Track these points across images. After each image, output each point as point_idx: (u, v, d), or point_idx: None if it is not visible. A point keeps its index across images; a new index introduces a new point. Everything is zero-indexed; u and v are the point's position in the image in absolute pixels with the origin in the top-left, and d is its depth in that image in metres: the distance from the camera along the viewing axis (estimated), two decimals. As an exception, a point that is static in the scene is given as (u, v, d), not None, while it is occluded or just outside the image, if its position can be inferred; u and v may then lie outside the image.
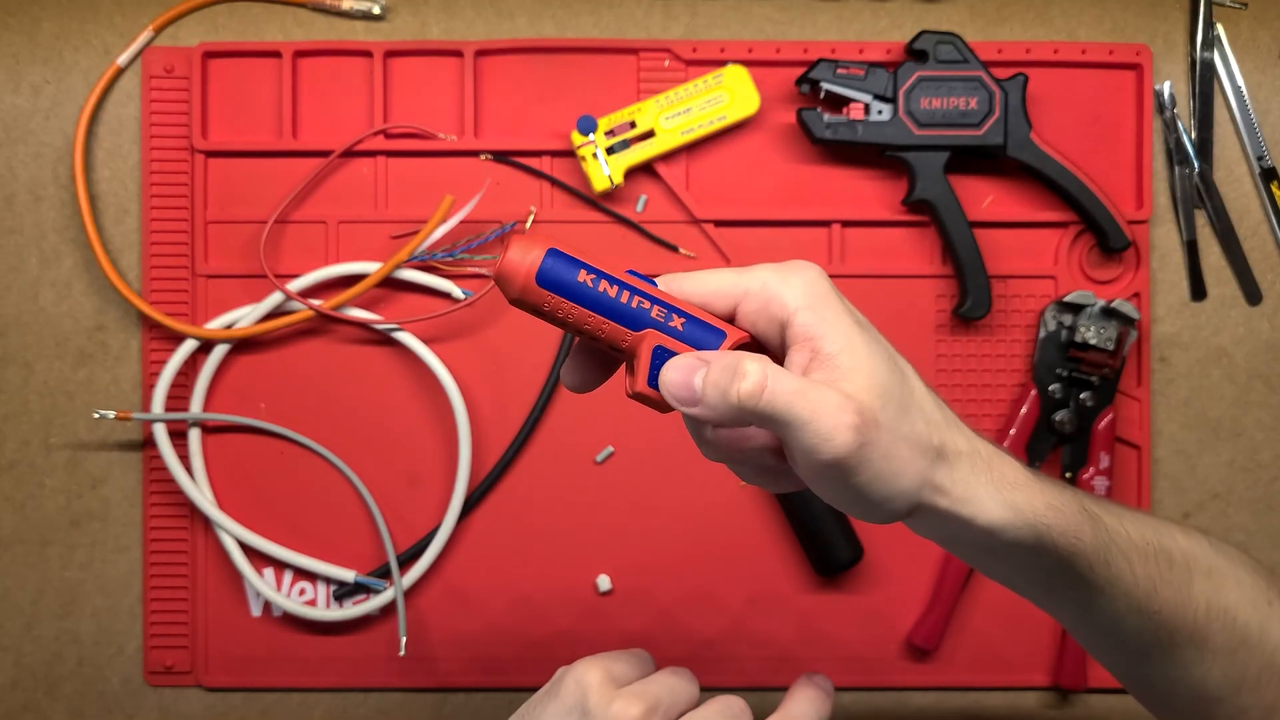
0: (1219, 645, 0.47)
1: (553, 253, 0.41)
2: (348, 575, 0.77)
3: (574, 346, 0.44)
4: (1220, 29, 0.79)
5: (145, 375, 0.77)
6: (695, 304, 0.43)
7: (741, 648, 0.78)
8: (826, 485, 0.41)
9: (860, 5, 0.79)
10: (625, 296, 0.41)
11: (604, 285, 0.41)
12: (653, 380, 0.41)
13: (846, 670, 0.78)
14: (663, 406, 0.42)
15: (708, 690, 0.79)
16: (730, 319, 0.43)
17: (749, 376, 0.39)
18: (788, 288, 0.42)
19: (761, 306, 0.42)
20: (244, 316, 0.76)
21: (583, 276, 0.41)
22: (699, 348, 0.42)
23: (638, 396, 0.42)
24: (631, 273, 0.42)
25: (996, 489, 0.42)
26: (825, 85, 0.75)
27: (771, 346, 0.43)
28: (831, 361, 0.40)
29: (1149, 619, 0.46)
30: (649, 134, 0.76)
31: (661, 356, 0.41)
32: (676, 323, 0.42)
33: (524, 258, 0.41)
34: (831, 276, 0.80)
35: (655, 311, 0.41)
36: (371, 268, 0.76)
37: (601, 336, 0.42)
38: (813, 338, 0.41)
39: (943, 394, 0.86)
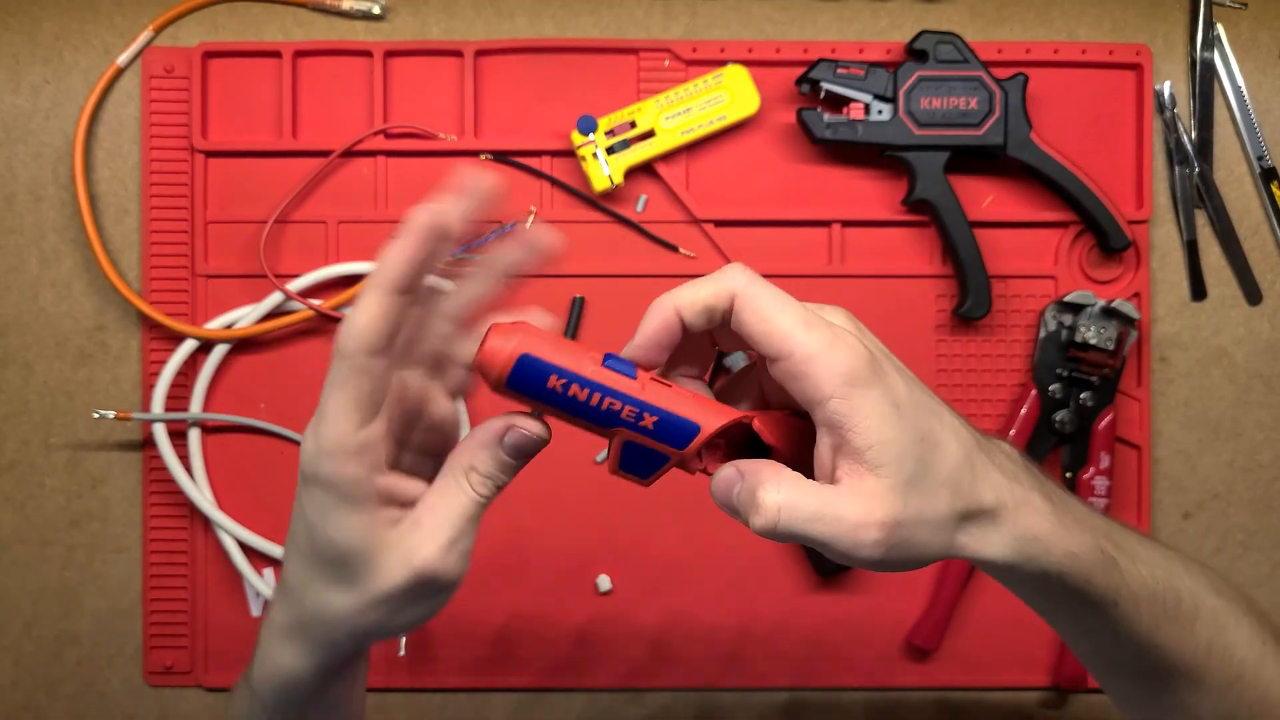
0: (1215, 681, 0.49)
1: (522, 360, 0.41)
2: (348, 575, 0.77)
3: None
4: (1220, 29, 0.79)
5: (145, 375, 0.77)
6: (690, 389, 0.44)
7: (741, 647, 0.78)
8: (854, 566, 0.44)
9: (860, 5, 0.79)
10: (595, 399, 0.41)
11: (574, 389, 0.41)
12: (623, 467, 0.43)
13: (846, 670, 0.78)
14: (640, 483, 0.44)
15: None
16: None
17: (762, 512, 0.40)
18: (825, 368, 0.40)
19: (795, 380, 0.41)
20: (244, 316, 0.76)
21: (552, 382, 0.41)
22: (671, 444, 0.42)
23: (616, 474, 0.43)
24: (610, 359, 0.42)
25: (1014, 540, 0.43)
26: (825, 85, 0.75)
27: (793, 406, 0.43)
28: (858, 456, 0.40)
29: (1149, 652, 0.48)
30: (649, 134, 0.76)
31: (630, 450, 0.42)
32: (647, 421, 0.42)
33: (495, 359, 0.41)
34: (831, 277, 0.80)
35: (625, 412, 0.42)
36: (371, 268, 0.76)
37: (577, 427, 0.43)
38: (841, 428, 0.40)
39: (942, 394, 0.86)
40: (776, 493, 0.40)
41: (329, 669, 0.46)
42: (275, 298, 0.76)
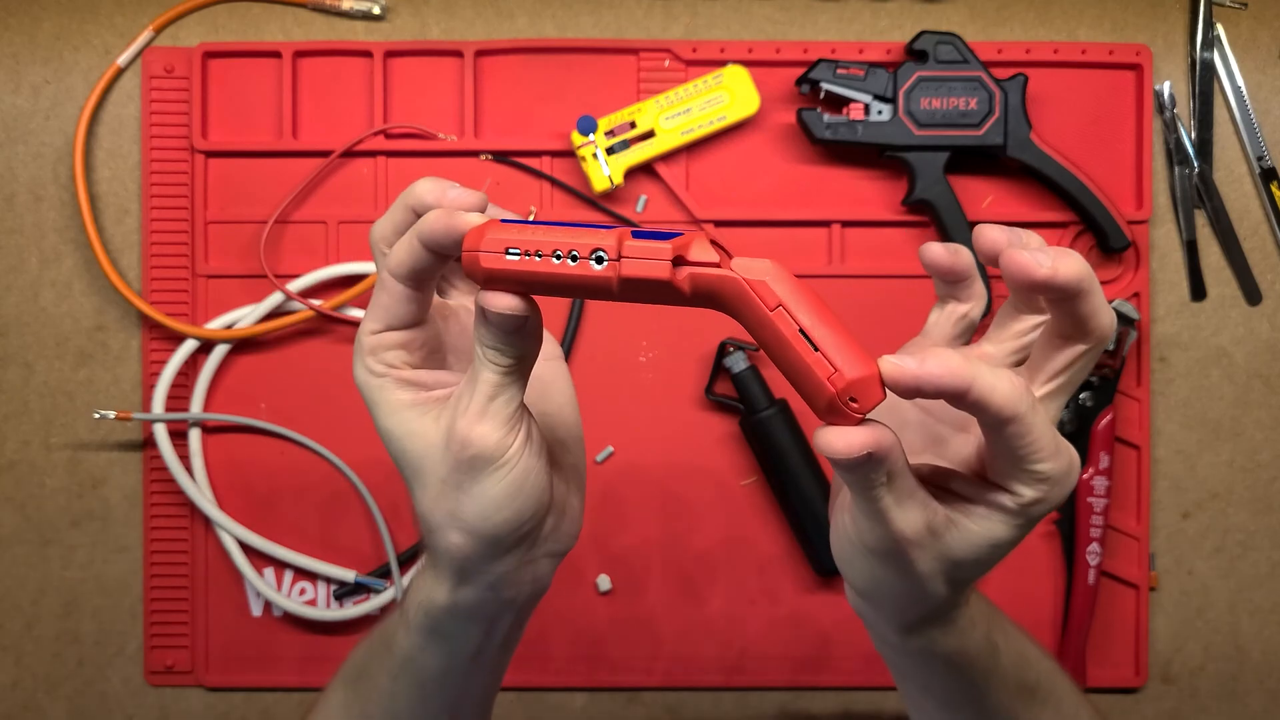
0: None
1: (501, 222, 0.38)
2: (348, 575, 0.77)
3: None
4: (1220, 29, 0.79)
5: (145, 375, 0.77)
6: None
7: (742, 647, 0.78)
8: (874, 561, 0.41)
9: (860, 5, 0.79)
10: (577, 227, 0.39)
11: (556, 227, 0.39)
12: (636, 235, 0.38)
13: (847, 670, 0.78)
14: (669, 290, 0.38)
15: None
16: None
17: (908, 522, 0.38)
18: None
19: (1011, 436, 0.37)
20: (244, 316, 0.76)
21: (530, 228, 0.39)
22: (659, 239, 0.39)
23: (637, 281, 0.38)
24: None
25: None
26: (825, 85, 0.75)
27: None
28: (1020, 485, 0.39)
29: None
30: (649, 134, 0.76)
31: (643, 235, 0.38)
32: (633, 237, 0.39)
33: (476, 235, 0.38)
34: (831, 277, 0.80)
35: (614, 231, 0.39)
36: (371, 268, 0.76)
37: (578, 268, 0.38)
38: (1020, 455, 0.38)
39: (943, 394, 0.85)
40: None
41: (465, 601, 0.45)
42: (275, 298, 0.76)
